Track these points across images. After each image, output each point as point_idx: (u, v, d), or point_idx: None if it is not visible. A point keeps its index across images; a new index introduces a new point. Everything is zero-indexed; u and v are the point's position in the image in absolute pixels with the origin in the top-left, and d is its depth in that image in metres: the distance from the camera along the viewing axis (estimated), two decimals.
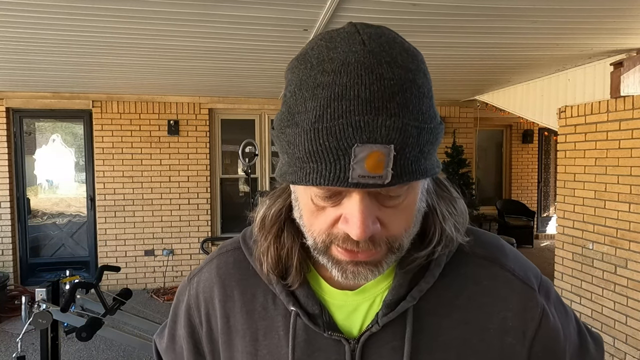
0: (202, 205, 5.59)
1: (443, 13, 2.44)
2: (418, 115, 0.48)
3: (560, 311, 0.66)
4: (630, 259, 3.24)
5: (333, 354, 0.60)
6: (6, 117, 5.11)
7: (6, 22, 2.56)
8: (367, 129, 0.45)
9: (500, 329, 0.61)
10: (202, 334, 0.69)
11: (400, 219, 0.53)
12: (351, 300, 0.62)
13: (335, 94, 0.46)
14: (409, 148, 0.47)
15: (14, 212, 5.26)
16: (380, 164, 0.45)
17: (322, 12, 2.38)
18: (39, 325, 2.39)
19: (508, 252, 0.66)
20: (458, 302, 0.61)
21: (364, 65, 0.46)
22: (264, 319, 0.64)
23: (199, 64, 3.68)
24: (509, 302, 0.62)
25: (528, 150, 8.35)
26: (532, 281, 0.64)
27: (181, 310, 0.72)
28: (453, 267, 0.62)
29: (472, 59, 3.54)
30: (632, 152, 3.19)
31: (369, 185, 0.46)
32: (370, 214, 0.49)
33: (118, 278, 5.36)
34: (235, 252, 0.69)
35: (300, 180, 0.49)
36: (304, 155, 0.48)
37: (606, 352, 3.44)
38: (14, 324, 4.37)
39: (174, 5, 2.30)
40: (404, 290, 0.59)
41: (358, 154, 0.45)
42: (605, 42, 3.01)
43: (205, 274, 0.70)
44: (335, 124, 0.45)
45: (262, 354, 0.63)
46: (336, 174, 0.46)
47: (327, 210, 0.52)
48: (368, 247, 0.52)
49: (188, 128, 5.50)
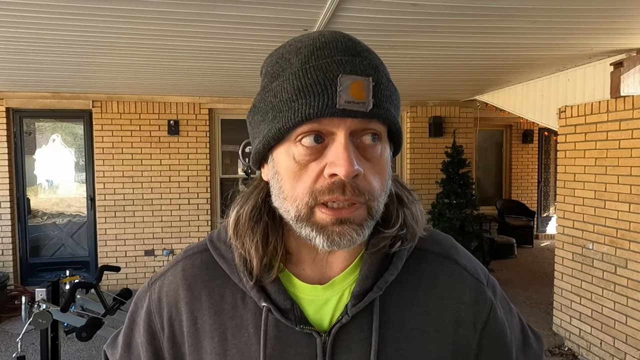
0: (202, 205, 5.59)
1: (443, 13, 2.44)
2: (383, 68, 0.57)
3: (505, 307, 0.71)
4: (630, 259, 3.24)
5: (304, 348, 0.61)
6: (6, 117, 5.11)
7: (6, 22, 2.56)
8: (349, 64, 0.53)
9: (454, 320, 0.65)
10: (164, 339, 0.67)
11: (377, 174, 0.57)
12: (321, 294, 0.64)
13: (317, 47, 0.55)
14: (382, 86, 0.55)
15: (14, 212, 5.26)
16: (363, 92, 0.52)
17: (322, 12, 2.38)
18: (39, 325, 2.39)
19: (460, 251, 0.71)
20: (418, 294, 0.65)
21: (334, 36, 0.57)
22: (233, 319, 0.64)
23: (199, 64, 3.68)
24: (462, 296, 0.66)
25: (528, 150, 8.34)
26: (481, 276, 0.69)
27: (140, 317, 0.70)
28: (413, 263, 0.66)
29: (472, 59, 3.54)
30: (632, 152, 3.19)
31: (353, 112, 0.52)
32: (354, 154, 0.53)
33: (118, 278, 5.36)
34: (202, 254, 0.69)
35: (287, 122, 0.53)
36: (292, 94, 0.53)
37: (606, 352, 3.44)
38: (14, 324, 4.37)
39: (174, 5, 2.30)
40: (370, 281, 0.62)
41: (343, 82, 0.52)
42: (605, 42, 3.01)
43: (169, 277, 0.69)
44: (321, 62, 0.53)
45: (231, 353, 0.63)
46: (325, 102, 0.52)
47: (310, 166, 0.55)
48: (354, 194, 0.54)
49: (188, 128, 5.50)
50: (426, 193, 5.95)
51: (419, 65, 3.75)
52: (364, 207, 0.56)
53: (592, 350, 3.61)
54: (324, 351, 0.61)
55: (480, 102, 5.71)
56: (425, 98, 5.88)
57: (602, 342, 3.51)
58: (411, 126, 6.03)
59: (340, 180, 0.53)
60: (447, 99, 5.98)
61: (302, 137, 0.54)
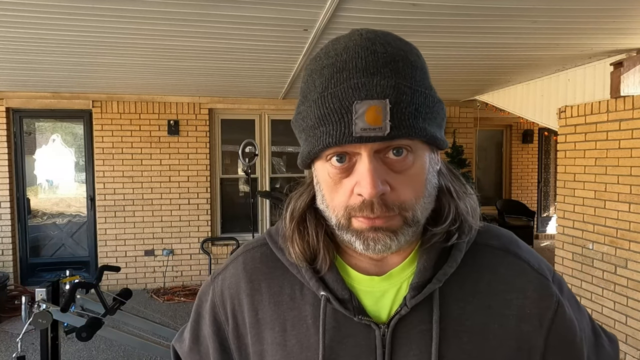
0: (202, 205, 5.59)
1: (443, 13, 2.44)
2: (410, 79, 0.55)
3: (573, 304, 0.68)
4: (630, 259, 3.24)
5: (363, 339, 0.61)
6: (6, 117, 5.11)
7: (6, 22, 2.56)
8: (365, 88, 0.52)
9: (517, 316, 0.63)
10: (229, 330, 0.70)
11: (409, 185, 0.57)
12: (378, 286, 0.64)
13: (337, 68, 0.55)
14: (403, 104, 0.53)
15: (14, 212, 5.26)
16: (379, 117, 0.52)
17: (322, 12, 2.38)
18: (39, 325, 2.39)
19: (522, 245, 0.69)
20: (479, 288, 0.63)
21: (360, 46, 0.55)
22: (292, 310, 0.66)
23: (199, 64, 3.68)
24: (525, 291, 0.64)
25: (528, 150, 8.34)
26: (545, 272, 0.67)
27: (205, 310, 0.73)
28: (471, 257, 0.65)
29: (472, 59, 3.54)
30: (632, 152, 3.19)
31: (371, 138, 0.52)
32: (379, 174, 0.54)
33: (118, 278, 5.36)
34: (262, 247, 0.72)
35: (313, 147, 0.56)
36: (315, 122, 0.55)
37: None
38: (14, 324, 4.37)
39: (174, 5, 2.30)
40: (429, 273, 0.62)
41: (358, 109, 0.52)
42: (605, 42, 3.01)
43: (230, 270, 0.72)
44: (337, 89, 0.54)
45: (290, 343, 0.64)
46: (342, 131, 0.53)
47: (344, 183, 0.57)
48: (382, 211, 0.55)
49: (188, 128, 5.50)
50: None
51: None
52: (397, 217, 0.57)
53: None
54: (383, 343, 0.60)
55: (480, 102, 5.71)
56: None
57: None
58: None
59: (368, 199, 0.55)
60: (447, 99, 5.97)
61: (331, 156, 0.57)
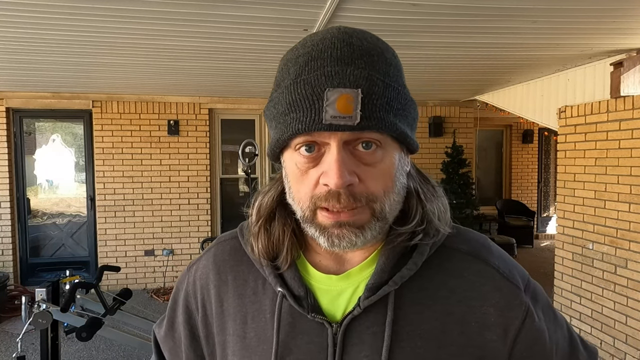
0: (202, 205, 5.59)
1: (443, 13, 2.44)
2: (384, 73, 0.55)
3: (548, 315, 0.67)
4: (630, 259, 3.24)
5: (316, 337, 0.62)
6: (6, 117, 5.11)
7: (6, 22, 2.56)
8: (338, 77, 0.52)
9: (481, 324, 0.61)
10: (198, 319, 0.72)
11: (378, 178, 0.57)
12: (336, 285, 0.64)
13: (312, 57, 0.55)
14: (375, 95, 0.53)
15: (14, 212, 5.26)
16: (350, 105, 0.51)
17: (322, 12, 2.38)
18: (39, 325, 2.39)
19: (494, 251, 0.67)
20: (441, 293, 0.62)
21: (337, 37, 0.56)
22: (254, 303, 0.67)
23: (199, 64, 3.68)
24: (491, 298, 0.62)
25: (528, 150, 8.34)
26: (517, 280, 0.65)
27: (180, 298, 0.75)
28: (437, 261, 0.64)
29: (472, 59, 3.54)
30: (632, 152, 3.19)
31: (340, 126, 0.52)
32: (346, 165, 0.54)
33: (118, 278, 5.36)
34: (232, 240, 0.73)
35: (283, 134, 0.56)
36: (286, 108, 0.55)
37: (606, 352, 3.44)
38: (14, 324, 4.37)
39: (174, 5, 2.30)
40: (386, 275, 0.61)
41: (330, 97, 0.52)
42: (605, 42, 3.01)
43: (203, 262, 0.74)
44: (310, 76, 0.53)
45: (250, 336, 0.65)
46: (312, 118, 0.52)
47: (310, 173, 0.57)
48: (349, 202, 0.55)
49: (188, 128, 5.50)
50: None
51: (419, 65, 3.75)
52: (365, 209, 0.57)
53: None
54: (335, 342, 0.61)
55: (480, 102, 5.71)
56: (425, 98, 5.88)
57: (602, 342, 3.51)
58: None
59: (334, 190, 0.54)
60: (447, 99, 5.98)
61: (300, 146, 0.56)
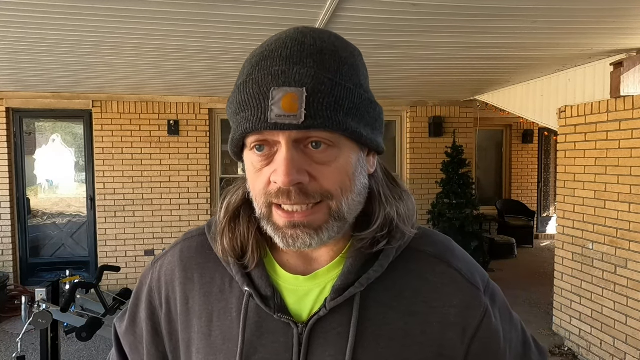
0: (202, 205, 5.59)
1: (443, 13, 2.44)
2: (334, 72, 0.54)
3: (504, 316, 0.69)
4: (630, 259, 3.24)
5: (281, 337, 0.62)
6: (6, 117, 5.11)
7: (6, 22, 2.56)
8: (284, 76, 0.53)
9: (442, 324, 0.63)
10: (162, 315, 0.71)
11: (333, 176, 0.56)
12: (303, 285, 0.64)
13: (264, 56, 0.56)
14: (322, 94, 0.52)
15: (14, 212, 5.25)
16: (295, 104, 0.52)
17: (322, 12, 2.38)
18: (39, 325, 2.39)
19: (457, 253, 0.69)
20: (405, 294, 0.64)
21: (291, 37, 0.56)
22: (220, 301, 0.67)
23: (199, 64, 3.68)
24: (453, 299, 0.64)
25: (528, 150, 8.34)
26: (477, 282, 0.67)
27: (143, 294, 0.74)
28: (403, 262, 0.65)
29: (472, 59, 3.54)
30: (632, 152, 3.19)
31: (285, 125, 0.52)
32: (295, 162, 0.54)
33: (118, 278, 5.36)
34: (200, 237, 0.73)
35: (235, 133, 0.57)
36: (237, 108, 0.56)
37: (606, 352, 3.44)
38: (14, 324, 4.37)
39: (174, 5, 2.30)
40: (352, 277, 0.62)
41: (275, 96, 0.52)
42: (605, 42, 3.01)
43: (168, 257, 0.73)
44: (259, 76, 0.54)
45: (215, 334, 0.65)
46: (258, 117, 0.53)
47: (264, 171, 0.57)
48: (300, 199, 0.55)
49: (188, 128, 5.50)
50: (426, 193, 5.95)
51: (419, 65, 3.75)
52: (322, 208, 0.57)
53: (592, 351, 3.61)
54: (300, 342, 0.61)
55: (480, 102, 5.71)
56: (425, 98, 5.88)
57: (602, 342, 3.51)
58: (411, 126, 6.03)
59: (284, 188, 0.55)
60: (447, 99, 5.98)
61: (253, 145, 0.57)
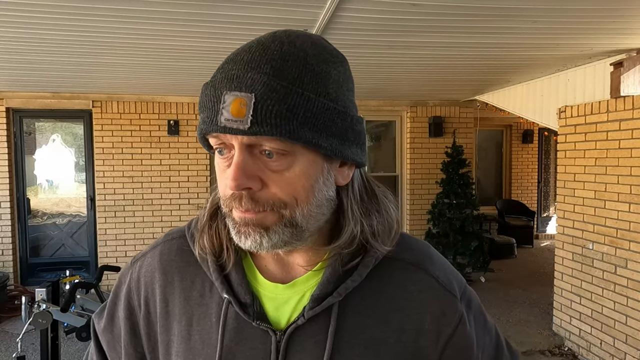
0: (202, 205, 5.57)
1: (443, 13, 2.44)
2: (293, 80, 0.53)
3: (479, 321, 0.69)
4: (630, 259, 3.24)
5: (259, 344, 0.62)
6: (6, 117, 5.10)
7: (6, 22, 2.56)
8: (237, 80, 0.53)
9: (416, 331, 0.64)
10: (140, 316, 0.70)
11: (286, 185, 0.56)
12: (282, 293, 0.65)
13: (229, 59, 0.56)
14: (271, 101, 0.52)
15: (14, 212, 5.25)
16: (242, 110, 0.52)
17: (322, 12, 2.38)
18: (39, 325, 2.39)
19: (435, 260, 0.69)
20: (380, 302, 0.64)
21: (260, 42, 0.56)
22: (200, 305, 0.66)
23: (199, 64, 3.68)
24: (428, 306, 0.65)
25: (528, 150, 8.35)
26: (454, 289, 0.67)
27: (122, 293, 0.74)
28: (380, 271, 0.65)
29: (472, 59, 3.54)
30: (632, 152, 3.19)
31: (232, 129, 0.52)
32: (246, 168, 0.54)
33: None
34: (180, 240, 0.72)
35: (198, 135, 0.59)
36: (199, 108, 0.57)
37: (606, 352, 3.44)
38: (14, 324, 4.37)
39: (174, 5, 2.30)
40: (331, 286, 0.62)
41: (226, 100, 0.52)
42: (605, 42, 3.01)
43: (148, 259, 0.73)
44: (217, 79, 0.55)
45: (194, 338, 0.65)
46: (211, 119, 0.54)
47: (226, 172, 0.57)
48: (250, 205, 0.56)
49: (188, 128, 5.50)
50: (426, 193, 5.96)
51: (419, 65, 3.75)
52: (273, 212, 0.57)
53: (592, 350, 3.61)
54: (278, 350, 0.61)
55: (480, 102, 5.71)
56: (425, 98, 5.88)
57: (602, 342, 3.51)
58: (411, 126, 6.03)
59: (234, 192, 0.56)
60: (447, 99, 5.98)
61: (216, 147, 0.58)
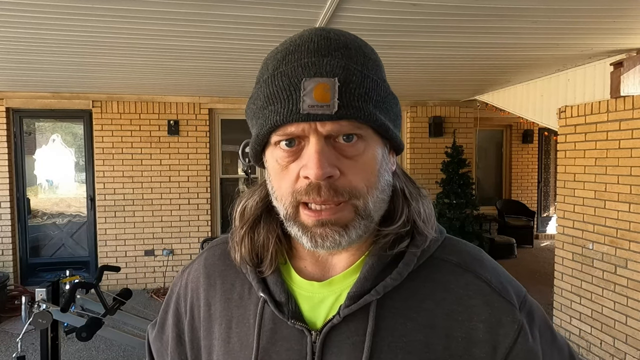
0: (202, 205, 5.59)
1: (443, 13, 2.44)
2: (361, 64, 0.55)
3: (545, 337, 0.63)
4: (630, 259, 3.24)
5: (295, 344, 0.61)
6: (6, 117, 5.11)
7: (6, 22, 2.56)
8: (314, 67, 0.52)
9: (468, 339, 0.59)
10: (185, 322, 0.71)
11: (360, 172, 0.55)
12: (318, 291, 0.63)
13: (290, 51, 0.55)
14: (353, 84, 0.52)
15: (14, 212, 5.25)
16: (327, 94, 0.51)
17: (322, 12, 2.38)
18: (39, 325, 2.39)
19: (486, 263, 0.64)
20: (425, 305, 0.60)
21: (315, 33, 0.56)
22: (239, 308, 0.66)
23: (199, 64, 3.68)
24: (481, 313, 0.60)
25: (528, 150, 8.35)
26: (511, 296, 0.62)
27: (172, 301, 0.76)
28: (424, 271, 0.62)
29: (472, 59, 3.54)
30: (632, 152, 3.19)
31: (318, 115, 0.51)
32: (326, 156, 0.53)
33: (118, 278, 5.36)
34: (223, 245, 0.73)
35: (262, 128, 0.55)
36: (264, 102, 0.55)
37: (606, 352, 3.44)
38: (14, 324, 4.37)
39: (174, 5, 2.30)
40: (369, 284, 0.59)
41: (307, 86, 0.51)
42: (605, 42, 3.01)
43: (195, 265, 0.75)
44: (287, 68, 0.54)
45: (233, 340, 0.65)
46: (289, 108, 0.52)
47: (290, 168, 0.56)
48: (330, 195, 0.54)
49: (188, 128, 5.50)
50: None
51: (419, 65, 3.75)
52: (348, 207, 0.55)
53: (592, 351, 3.61)
54: (314, 350, 0.59)
55: (480, 102, 5.71)
56: (425, 98, 5.88)
57: (602, 342, 3.51)
58: (411, 126, 6.03)
59: (315, 182, 0.53)
60: (447, 99, 5.98)
61: (279, 141, 0.56)
